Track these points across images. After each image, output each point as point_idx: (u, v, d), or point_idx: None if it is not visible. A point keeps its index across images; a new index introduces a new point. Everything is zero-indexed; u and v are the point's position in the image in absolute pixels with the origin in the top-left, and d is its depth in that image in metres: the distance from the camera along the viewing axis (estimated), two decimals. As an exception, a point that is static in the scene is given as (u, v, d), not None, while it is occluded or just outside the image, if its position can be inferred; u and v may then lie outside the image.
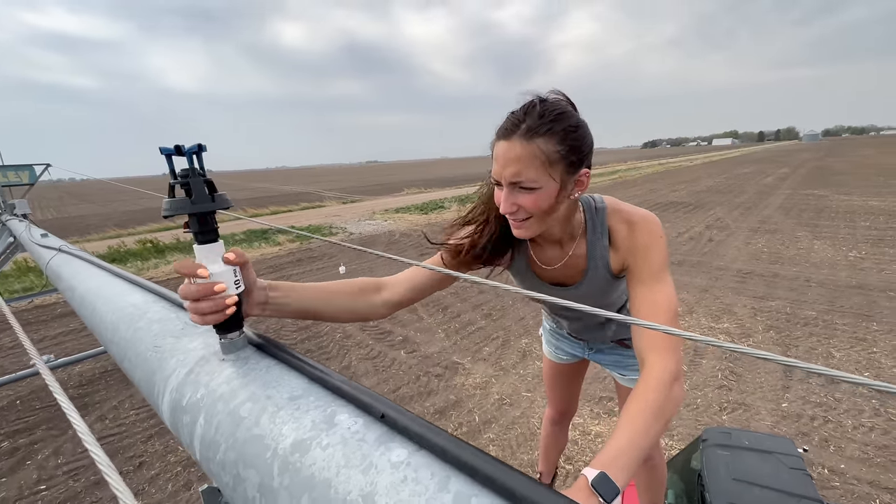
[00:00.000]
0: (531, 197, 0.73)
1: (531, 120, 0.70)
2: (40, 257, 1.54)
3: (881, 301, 3.85)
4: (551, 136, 0.70)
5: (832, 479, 1.95)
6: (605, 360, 1.30)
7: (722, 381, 2.74)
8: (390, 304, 0.84)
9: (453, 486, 0.31)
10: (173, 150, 0.49)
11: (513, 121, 0.72)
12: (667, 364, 0.67)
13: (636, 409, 0.62)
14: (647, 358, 0.70)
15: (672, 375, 0.66)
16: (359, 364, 3.32)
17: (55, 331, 4.41)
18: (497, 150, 0.74)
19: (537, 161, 0.71)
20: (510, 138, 0.72)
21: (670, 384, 0.65)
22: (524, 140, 0.70)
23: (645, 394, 0.64)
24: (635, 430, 0.59)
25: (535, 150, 0.70)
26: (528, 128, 0.70)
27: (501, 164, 0.73)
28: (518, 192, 0.74)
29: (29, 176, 3.71)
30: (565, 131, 0.71)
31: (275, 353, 0.52)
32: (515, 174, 0.72)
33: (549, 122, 0.70)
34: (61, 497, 2.13)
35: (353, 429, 0.38)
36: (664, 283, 0.78)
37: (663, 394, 0.64)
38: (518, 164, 0.71)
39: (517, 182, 0.72)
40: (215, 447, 0.43)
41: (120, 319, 0.74)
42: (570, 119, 0.72)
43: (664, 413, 0.62)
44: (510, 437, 2.37)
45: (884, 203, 8.87)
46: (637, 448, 0.57)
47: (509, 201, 0.74)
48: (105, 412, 2.83)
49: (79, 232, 11.74)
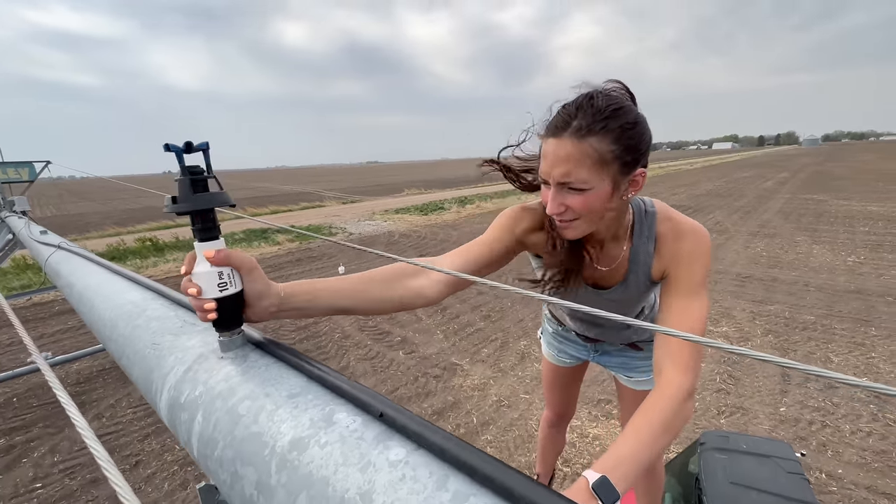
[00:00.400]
0: (580, 198, 0.69)
1: (584, 116, 0.66)
2: (39, 254, 1.54)
3: (879, 306, 3.85)
4: (606, 133, 0.65)
5: (830, 483, 1.95)
6: (610, 361, 1.28)
7: (720, 384, 2.74)
8: (441, 283, 0.73)
9: (452, 485, 0.31)
10: (180, 147, 0.49)
11: (564, 117, 0.68)
12: (684, 381, 0.65)
13: (644, 420, 0.61)
14: (664, 369, 0.68)
15: (687, 393, 0.65)
16: (357, 364, 3.31)
17: (53, 328, 4.41)
18: (546, 148, 0.70)
19: (589, 161, 0.66)
20: (560, 136, 0.67)
21: (683, 401, 0.64)
22: (576, 138, 0.65)
23: (655, 406, 0.63)
24: (640, 442, 0.58)
25: (588, 149, 0.65)
26: (581, 125, 0.65)
27: (550, 162, 0.68)
28: (567, 193, 0.70)
29: (29, 173, 3.70)
30: (622, 128, 0.66)
31: (273, 352, 0.52)
32: (565, 174, 0.67)
33: (604, 119, 0.65)
34: (57, 495, 2.12)
35: (351, 427, 0.37)
36: (700, 299, 0.75)
37: (674, 410, 0.62)
38: (568, 164, 0.66)
39: (566, 182, 0.68)
40: (213, 444, 0.43)
41: (118, 316, 0.74)
42: (627, 115, 0.67)
43: (672, 429, 0.61)
44: (508, 438, 2.37)
45: (883, 208, 8.89)
46: (640, 460, 0.56)
47: (556, 201, 0.70)
48: (102, 410, 2.82)
49: (78, 230, 11.73)
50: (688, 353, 0.67)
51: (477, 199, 14.25)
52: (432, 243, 7.75)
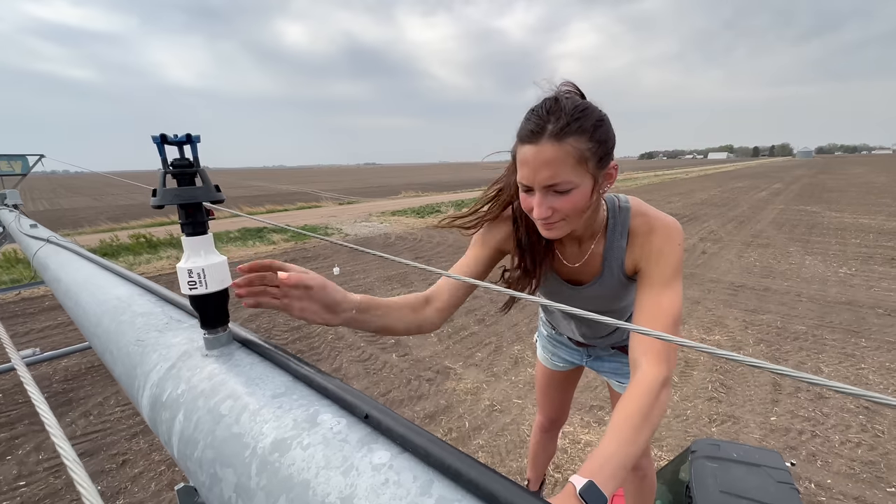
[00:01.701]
0: (567, 199, 0.71)
1: (558, 119, 0.68)
2: (28, 248, 1.51)
3: (870, 318, 3.89)
4: (581, 133, 0.68)
5: (819, 493, 1.95)
6: (603, 367, 1.28)
7: (712, 392, 2.74)
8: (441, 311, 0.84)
9: (436, 490, 0.30)
10: (171, 138, 0.48)
11: (537, 122, 0.69)
12: (658, 371, 0.66)
13: (623, 416, 0.61)
14: (640, 363, 0.69)
15: (661, 382, 0.65)
16: (350, 366, 3.29)
17: (42, 324, 4.34)
18: (524, 155, 0.71)
19: (571, 161, 0.68)
20: (538, 141, 0.68)
21: (658, 391, 0.65)
22: (555, 141, 0.67)
23: (632, 400, 0.63)
24: (623, 438, 0.58)
25: (568, 149, 0.68)
26: (558, 128, 0.67)
27: (532, 168, 0.69)
28: (553, 196, 0.71)
29: (22, 166, 3.66)
30: (594, 126, 0.69)
31: (260, 350, 0.51)
32: (550, 177, 0.69)
33: (577, 120, 0.68)
34: (41, 493, 2.08)
35: (335, 429, 0.37)
36: (672, 291, 0.77)
37: (650, 400, 0.63)
38: (552, 167, 0.68)
39: (552, 185, 0.70)
40: (193, 445, 0.42)
41: (104, 312, 0.73)
42: (594, 113, 0.70)
43: (651, 420, 0.62)
44: (500, 443, 2.36)
45: (874, 221, 8.99)
46: (624, 456, 0.57)
47: (544, 206, 0.71)
48: (90, 408, 2.78)
49: (71, 225, 11.61)
50: (661, 344, 0.69)
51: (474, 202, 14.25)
52: (428, 246, 7.74)
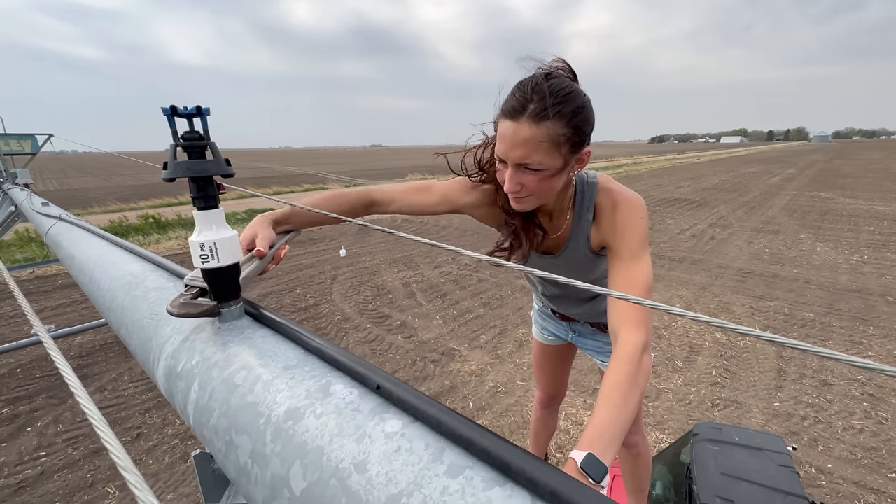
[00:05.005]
0: (535, 177, 0.74)
1: (540, 100, 0.69)
2: (41, 225, 1.53)
3: (880, 305, 3.85)
4: (559, 118, 0.70)
5: (819, 477, 1.97)
6: (587, 344, 1.33)
7: (716, 378, 2.76)
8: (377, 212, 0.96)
9: (447, 457, 0.31)
10: (181, 110, 0.48)
11: (520, 100, 0.71)
12: (637, 337, 0.69)
13: (611, 385, 0.64)
14: (619, 332, 0.71)
15: (641, 348, 0.68)
16: (356, 347, 3.34)
17: (56, 301, 4.44)
18: (503, 129, 0.73)
19: (546, 144, 0.70)
20: (518, 119, 0.70)
21: (640, 356, 0.67)
22: (533, 122, 0.69)
23: (617, 369, 0.66)
24: (614, 406, 0.61)
25: (544, 132, 0.70)
26: (538, 109, 0.69)
27: (508, 145, 0.72)
28: (523, 173, 0.74)
29: (31, 145, 3.68)
30: (573, 112, 0.71)
31: (271, 323, 0.52)
32: (523, 156, 0.72)
33: (558, 104, 0.69)
34: (60, 464, 2.17)
35: (347, 399, 0.37)
36: (641, 262, 0.80)
37: (634, 366, 0.66)
38: (526, 148, 0.71)
39: (524, 164, 0.73)
40: (209, 413, 0.43)
41: (118, 287, 0.74)
42: (576, 99, 0.71)
43: (638, 384, 0.64)
44: (503, 424, 2.40)
45: (889, 208, 8.81)
46: (617, 423, 0.59)
47: (514, 181, 0.75)
48: (104, 383, 2.86)
49: (81, 205, 11.73)
50: (637, 312, 0.71)
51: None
52: (434, 229, 7.74)
